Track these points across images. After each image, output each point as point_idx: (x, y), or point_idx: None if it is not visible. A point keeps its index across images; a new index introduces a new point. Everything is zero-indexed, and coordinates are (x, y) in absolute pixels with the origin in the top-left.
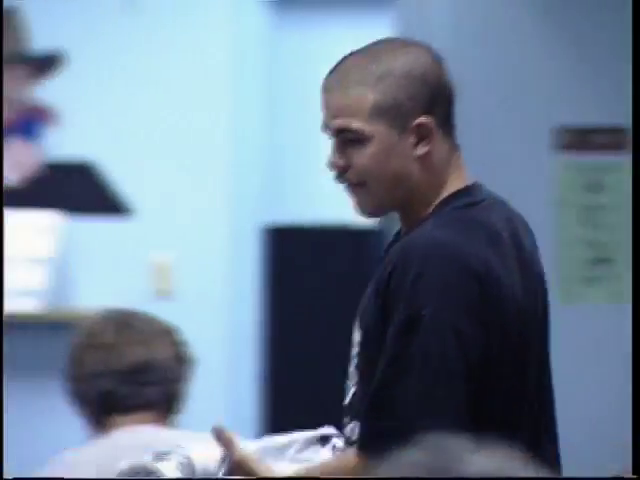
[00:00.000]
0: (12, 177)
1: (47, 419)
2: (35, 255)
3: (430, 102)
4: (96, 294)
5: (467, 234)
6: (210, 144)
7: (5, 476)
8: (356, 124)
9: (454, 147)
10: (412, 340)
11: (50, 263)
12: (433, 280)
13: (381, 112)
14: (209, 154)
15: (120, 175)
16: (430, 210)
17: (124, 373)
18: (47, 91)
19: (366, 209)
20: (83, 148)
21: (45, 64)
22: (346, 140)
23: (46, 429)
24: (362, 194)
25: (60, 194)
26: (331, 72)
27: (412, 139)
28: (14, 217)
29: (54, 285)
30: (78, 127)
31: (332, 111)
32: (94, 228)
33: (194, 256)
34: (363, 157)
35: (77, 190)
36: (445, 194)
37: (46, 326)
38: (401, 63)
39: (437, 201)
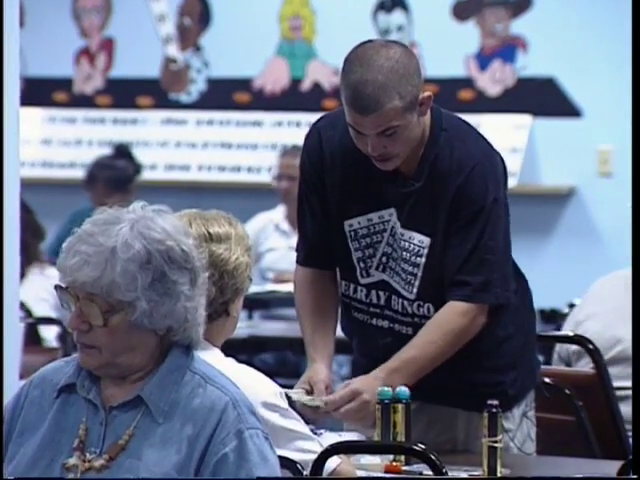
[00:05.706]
0: (493, 90)
1: None
2: (511, 145)
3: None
4: (555, 174)
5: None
6: None
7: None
8: (395, 122)
9: None
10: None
11: (522, 152)
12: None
13: (407, 107)
14: None
15: (573, 86)
16: (427, 135)
17: None
18: (520, 26)
19: (393, 167)
20: (546, 67)
21: (518, 6)
22: (385, 135)
23: None
24: (395, 162)
25: (529, 101)
26: (360, 96)
27: (418, 108)
28: (494, 119)
29: (525, 168)
30: (544, 51)
31: (375, 125)
32: (554, 125)
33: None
34: (399, 142)
35: (542, 98)
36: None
37: (518, 197)
38: (402, 65)
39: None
